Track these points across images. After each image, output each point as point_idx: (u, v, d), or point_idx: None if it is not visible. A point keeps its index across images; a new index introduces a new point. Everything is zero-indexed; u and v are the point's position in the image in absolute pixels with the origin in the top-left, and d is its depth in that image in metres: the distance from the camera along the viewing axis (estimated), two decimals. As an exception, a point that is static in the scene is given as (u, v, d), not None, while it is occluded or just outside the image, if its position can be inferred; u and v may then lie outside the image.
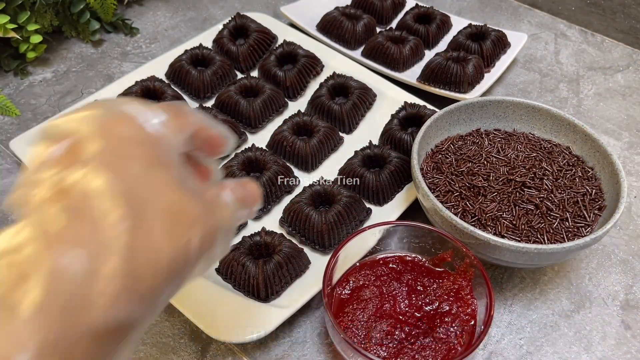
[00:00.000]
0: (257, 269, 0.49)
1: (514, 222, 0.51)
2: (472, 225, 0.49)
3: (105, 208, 0.23)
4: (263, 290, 0.49)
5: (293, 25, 0.80)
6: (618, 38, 0.84)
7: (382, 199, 0.59)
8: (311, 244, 0.55)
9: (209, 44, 0.76)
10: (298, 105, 0.70)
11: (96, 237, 0.22)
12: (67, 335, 0.21)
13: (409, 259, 0.50)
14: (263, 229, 0.53)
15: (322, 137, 0.63)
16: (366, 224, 0.56)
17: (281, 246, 0.51)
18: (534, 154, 0.56)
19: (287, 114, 0.68)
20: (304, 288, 0.51)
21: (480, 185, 0.53)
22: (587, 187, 0.53)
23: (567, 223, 0.51)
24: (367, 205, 0.59)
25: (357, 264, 0.49)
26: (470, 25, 0.78)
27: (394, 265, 0.49)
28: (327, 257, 0.49)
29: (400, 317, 0.46)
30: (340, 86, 0.69)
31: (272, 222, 0.57)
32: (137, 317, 0.23)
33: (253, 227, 0.56)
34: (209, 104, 0.70)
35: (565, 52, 0.82)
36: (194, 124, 0.30)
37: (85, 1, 0.77)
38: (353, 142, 0.66)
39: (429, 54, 0.77)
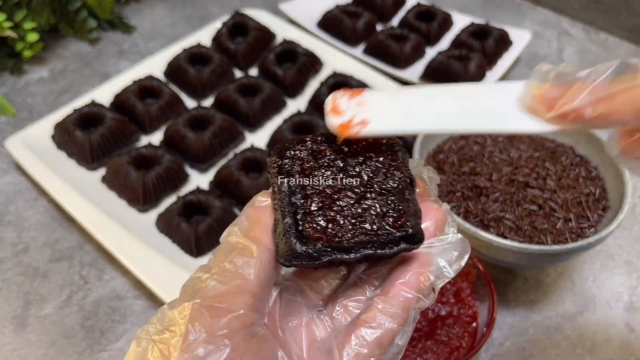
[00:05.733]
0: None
1: (517, 223, 0.50)
2: (474, 226, 0.48)
3: None
4: None
5: (293, 22, 0.80)
6: (622, 36, 0.83)
7: (382, 199, 0.58)
8: None
9: (207, 42, 0.75)
10: (298, 104, 0.69)
11: None
12: None
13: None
14: None
15: (322, 136, 0.62)
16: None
17: None
18: (537, 154, 0.55)
19: (286, 113, 0.68)
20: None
21: (483, 185, 0.52)
22: (591, 187, 0.53)
23: (570, 224, 0.50)
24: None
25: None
26: (472, 23, 0.78)
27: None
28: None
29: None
30: (341, 85, 0.68)
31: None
32: None
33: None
34: (208, 103, 0.69)
35: (569, 51, 0.81)
36: None
37: (83, -1, 0.76)
38: (353, 142, 0.65)
39: (430, 52, 0.76)
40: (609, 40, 0.82)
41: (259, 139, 0.65)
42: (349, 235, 0.24)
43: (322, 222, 0.24)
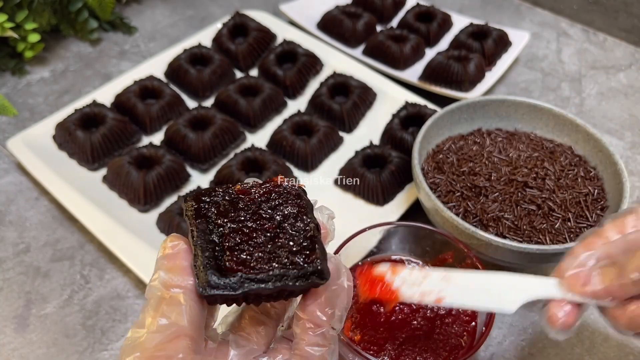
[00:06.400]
0: None
1: (516, 223, 0.50)
2: (473, 225, 0.48)
3: None
4: None
5: (293, 23, 0.80)
6: (620, 37, 0.83)
7: (382, 199, 0.58)
8: None
9: (208, 42, 0.75)
10: (298, 105, 0.69)
11: None
12: None
13: (410, 266, 0.49)
14: None
15: (322, 136, 0.63)
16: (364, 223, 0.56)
17: None
18: (536, 154, 0.55)
19: (286, 114, 0.68)
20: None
21: (482, 185, 0.52)
22: (590, 187, 0.53)
23: (569, 223, 0.50)
24: (368, 205, 0.59)
25: (359, 263, 0.49)
26: (471, 24, 0.78)
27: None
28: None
29: (401, 320, 0.45)
30: (341, 85, 0.68)
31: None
32: None
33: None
34: (208, 103, 0.69)
35: (568, 51, 0.81)
36: None
37: (84, 0, 0.76)
38: (353, 142, 0.65)
39: (430, 53, 0.77)
40: (607, 40, 0.83)
41: (259, 139, 0.66)
42: (266, 267, 0.26)
43: (240, 256, 0.26)
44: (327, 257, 0.27)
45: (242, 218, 0.27)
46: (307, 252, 0.27)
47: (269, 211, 0.28)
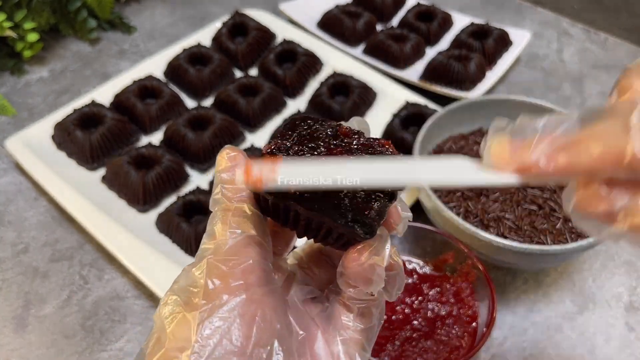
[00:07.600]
0: None
1: (517, 223, 0.50)
2: (474, 226, 0.48)
3: None
4: None
5: (293, 22, 0.80)
6: (622, 36, 0.83)
7: (382, 199, 0.58)
8: None
9: (207, 42, 0.75)
10: (298, 104, 0.69)
11: None
12: None
13: (410, 266, 0.49)
14: None
15: (322, 136, 0.62)
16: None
17: None
18: (537, 154, 0.55)
19: (286, 113, 0.68)
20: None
21: (483, 185, 0.52)
22: (591, 187, 0.53)
23: (570, 223, 0.50)
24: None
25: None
26: (472, 23, 0.78)
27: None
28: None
29: (401, 320, 0.45)
30: (341, 85, 0.68)
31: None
32: None
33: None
34: (208, 103, 0.69)
35: (569, 51, 0.81)
36: None
37: (83, -1, 0.76)
38: (353, 142, 0.65)
39: (430, 52, 0.76)
40: (608, 40, 0.82)
41: (259, 139, 0.65)
42: (317, 196, 0.24)
43: None
44: (380, 224, 0.25)
45: (324, 148, 0.26)
46: (365, 203, 0.24)
47: (360, 153, 0.26)
